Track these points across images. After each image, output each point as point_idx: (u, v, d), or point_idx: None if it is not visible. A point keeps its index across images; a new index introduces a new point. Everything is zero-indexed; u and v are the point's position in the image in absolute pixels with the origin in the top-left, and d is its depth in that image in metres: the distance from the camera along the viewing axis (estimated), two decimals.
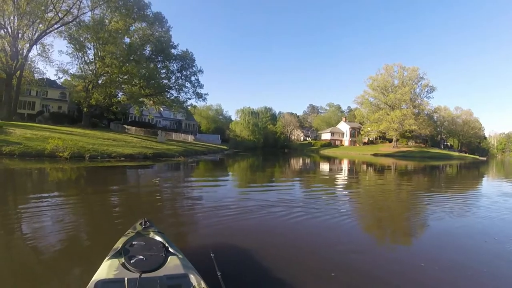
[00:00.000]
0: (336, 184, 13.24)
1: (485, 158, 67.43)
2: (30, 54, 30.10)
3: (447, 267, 3.80)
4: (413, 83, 63.31)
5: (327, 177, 16.77)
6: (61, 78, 33.50)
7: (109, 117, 40.91)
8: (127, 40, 34.23)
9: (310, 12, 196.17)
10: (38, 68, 33.55)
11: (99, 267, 2.15)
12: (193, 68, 40.54)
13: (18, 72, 28.97)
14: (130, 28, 34.02)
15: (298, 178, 15.33)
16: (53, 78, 37.60)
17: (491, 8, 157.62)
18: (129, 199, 7.65)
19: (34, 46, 29.26)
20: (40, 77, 34.38)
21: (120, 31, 31.30)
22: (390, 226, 6.31)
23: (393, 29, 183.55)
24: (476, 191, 12.86)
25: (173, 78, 40.76)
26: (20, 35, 28.13)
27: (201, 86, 41.39)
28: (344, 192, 10.94)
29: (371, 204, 8.53)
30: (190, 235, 4.90)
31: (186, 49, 40.26)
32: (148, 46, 37.03)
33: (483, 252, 4.52)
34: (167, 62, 39.82)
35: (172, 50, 39.19)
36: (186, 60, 39.97)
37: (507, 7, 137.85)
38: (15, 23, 27.58)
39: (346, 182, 14.33)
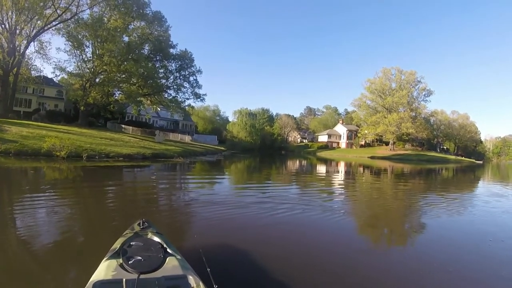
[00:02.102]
0: (336, 186, 13.27)
1: (481, 162, 68.03)
2: (28, 51, 29.98)
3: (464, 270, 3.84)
4: (411, 87, 63.59)
5: (326, 179, 16.78)
6: (58, 76, 33.41)
7: (106, 116, 40.63)
8: (126, 38, 34.10)
9: (308, 15, 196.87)
10: (35, 65, 33.11)
11: (97, 268, 2.13)
12: (192, 68, 40.39)
13: (15, 69, 28.76)
14: (129, 26, 33.88)
15: (296, 180, 15.33)
16: (50, 76, 37.49)
17: (490, 14, 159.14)
18: (131, 200, 7.54)
19: (32, 42, 29.10)
20: (37, 74, 34.08)
21: (119, 29, 31.16)
22: (391, 227, 6.32)
23: (391, 34, 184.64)
24: (473, 192, 13.12)
25: (171, 77, 40.66)
26: (17, 31, 27.92)
27: (200, 87, 41.28)
28: (342, 194, 10.95)
29: (371, 204, 8.55)
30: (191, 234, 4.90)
31: (185, 48, 40.18)
32: (147, 45, 36.89)
33: (491, 253, 4.59)
34: (166, 62, 39.70)
35: (171, 50, 39.11)
36: (185, 60, 39.81)
37: (505, 14, 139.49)
38: (13, 18, 27.40)
39: (344, 185, 14.34)
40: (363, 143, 76.74)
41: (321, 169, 24.59)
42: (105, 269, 2.07)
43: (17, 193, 7.41)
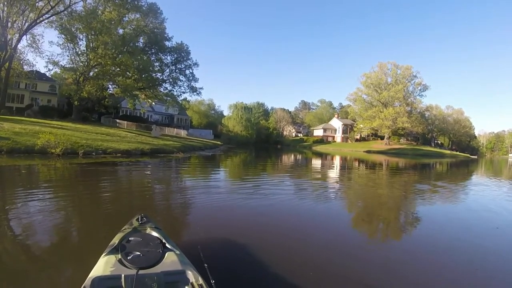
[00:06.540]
0: (333, 179, 13.31)
1: (476, 157, 68.84)
2: (20, 45, 29.29)
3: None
4: (407, 81, 63.82)
5: (322, 172, 16.83)
6: (51, 70, 32.65)
7: (100, 110, 39.75)
8: (121, 31, 33.50)
9: (303, 9, 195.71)
10: (28, 59, 32.46)
11: (95, 264, 2.13)
12: (188, 61, 40.01)
13: (7, 63, 28.18)
14: (124, 19, 33.34)
15: (292, 173, 15.40)
16: (43, 70, 36.81)
17: (485, 11, 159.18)
18: (134, 197, 7.33)
19: (24, 36, 28.45)
20: (29, 69, 33.50)
21: (113, 22, 30.65)
22: (390, 216, 6.38)
23: (386, 28, 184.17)
24: (479, 183, 13.93)
25: (167, 71, 40.23)
26: (9, 24, 27.31)
27: (196, 80, 40.95)
28: (339, 186, 10.97)
29: (369, 195, 8.67)
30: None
31: (181, 41, 39.80)
32: (142, 37, 36.39)
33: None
34: (161, 55, 39.24)
35: (166, 43, 38.65)
36: (181, 53, 39.36)
37: (500, 11, 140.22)
38: (4, 10, 26.73)
39: (341, 178, 14.36)
40: (358, 137, 77.13)
41: (317, 163, 24.69)
42: (103, 265, 2.07)
43: (10, 192, 6.92)
